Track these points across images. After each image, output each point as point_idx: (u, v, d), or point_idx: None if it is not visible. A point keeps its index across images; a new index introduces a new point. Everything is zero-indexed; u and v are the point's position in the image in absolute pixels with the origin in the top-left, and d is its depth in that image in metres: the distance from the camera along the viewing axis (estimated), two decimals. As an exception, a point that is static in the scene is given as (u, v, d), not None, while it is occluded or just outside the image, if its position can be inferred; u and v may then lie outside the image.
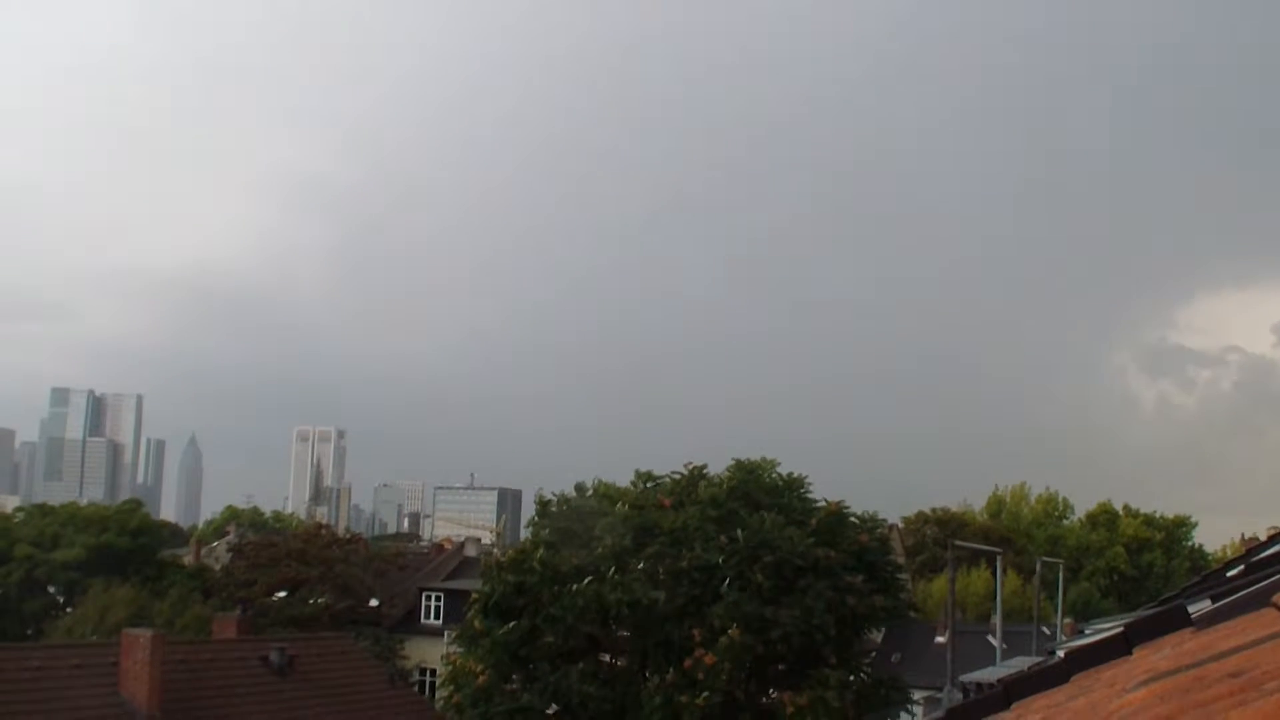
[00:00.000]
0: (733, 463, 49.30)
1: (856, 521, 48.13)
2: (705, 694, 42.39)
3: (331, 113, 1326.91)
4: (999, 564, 73.90)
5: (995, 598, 75.30)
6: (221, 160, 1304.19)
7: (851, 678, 45.10)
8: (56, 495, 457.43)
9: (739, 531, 44.63)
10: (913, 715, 51.64)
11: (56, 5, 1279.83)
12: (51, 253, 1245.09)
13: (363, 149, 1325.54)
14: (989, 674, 49.17)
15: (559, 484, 52.03)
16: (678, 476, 49.38)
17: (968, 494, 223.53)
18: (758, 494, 47.21)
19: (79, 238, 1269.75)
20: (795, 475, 48.80)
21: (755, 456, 49.49)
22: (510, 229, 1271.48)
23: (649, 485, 49.56)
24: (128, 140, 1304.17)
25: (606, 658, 47.66)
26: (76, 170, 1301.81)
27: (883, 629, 73.35)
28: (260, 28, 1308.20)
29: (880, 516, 50.79)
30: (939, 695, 63.04)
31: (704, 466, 49.47)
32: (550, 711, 45.77)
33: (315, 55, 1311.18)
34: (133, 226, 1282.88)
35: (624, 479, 50.94)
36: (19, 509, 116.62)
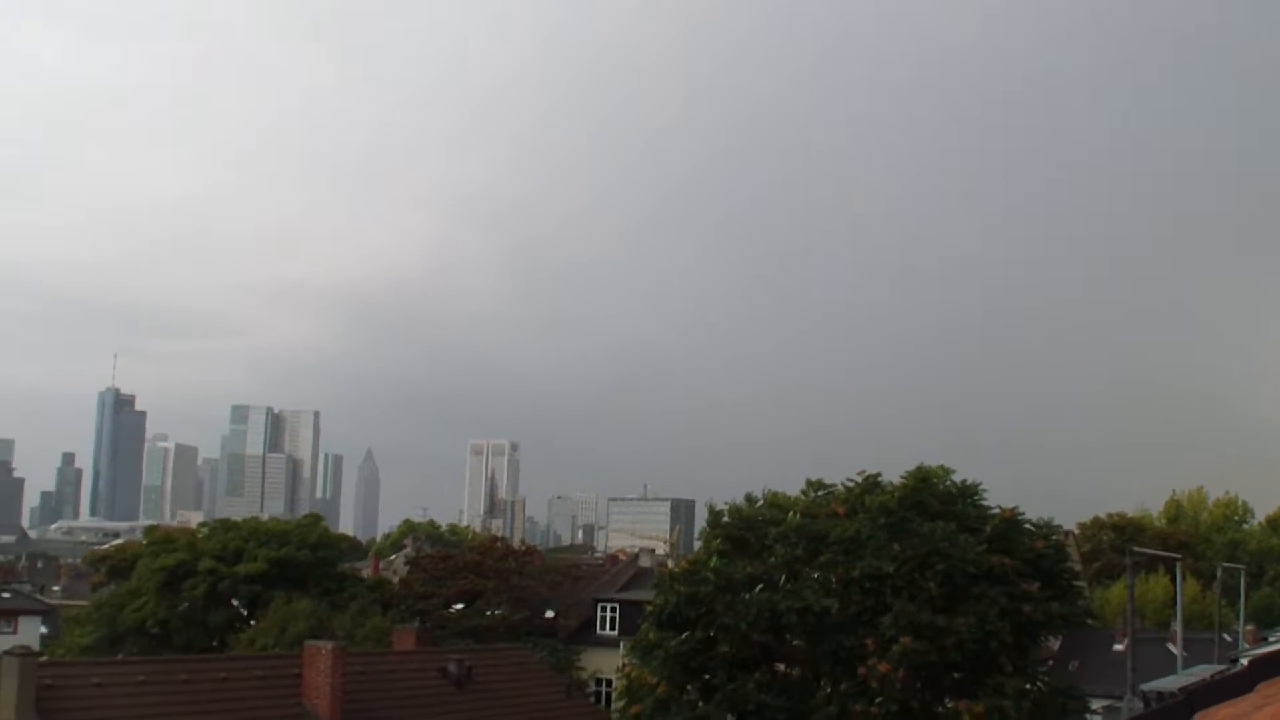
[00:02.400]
0: (909, 471, 49.01)
1: (1031, 528, 47.55)
2: (879, 703, 42.27)
3: (499, 126, 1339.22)
4: (1178, 570, 72.75)
5: (1175, 604, 74.20)
6: (392, 175, 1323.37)
7: (1028, 686, 44.54)
8: (238, 510, 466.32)
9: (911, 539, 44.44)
10: (1091, 724, 50.99)
11: (227, 29, 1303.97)
12: (228, 271, 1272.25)
13: (531, 161, 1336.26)
14: (1170, 683, 48.35)
15: (730, 494, 52.05)
16: (850, 485, 49.20)
17: (1144, 499, 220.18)
18: (931, 501, 46.87)
19: (254, 256, 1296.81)
20: (969, 482, 48.36)
21: (929, 464, 49.15)
22: (682, 238, 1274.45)
23: (820, 494, 49.43)
24: (300, 159, 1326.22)
25: (781, 667, 47.62)
26: (250, 189, 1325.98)
27: (1059, 637, 72.49)
28: (424, 46, 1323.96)
29: (1055, 523, 50.16)
30: (1118, 704, 62.22)
31: (877, 475, 49.24)
32: (726, 721, 45.89)
33: (484, 71, 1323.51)
34: (307, 243, 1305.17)
35: (794, 488, 50.93)
36: (203, 524, 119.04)
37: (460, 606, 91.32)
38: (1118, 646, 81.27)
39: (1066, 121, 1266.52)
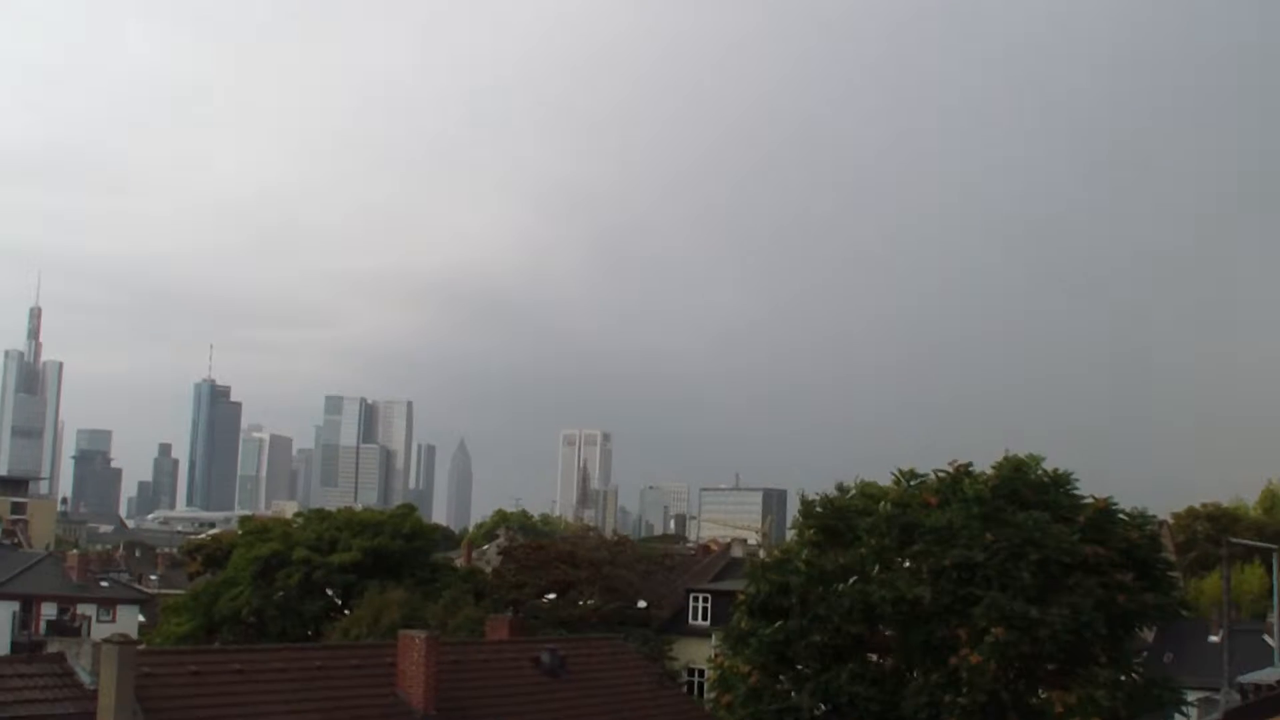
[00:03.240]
0: (1000, 459, 48.73)
1: (1125, 518, 47.19)
2: (970, 694, 42.10)
3: (586, 112, 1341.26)
4: (1275, 561, 71.91)
5: (1272, 596, 73.38)
6: (481, 163, 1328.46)
7: (1123, 677, 44.23)
8: (332, 500, 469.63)
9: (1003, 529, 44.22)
10: (1186, 716, 50.48)
11: (311, 20, 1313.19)
12: (321, 262, 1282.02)
13: (619, 147, 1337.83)
14: (1268, 675, 47.98)
15: (822, 483, 51.96)
16: (942, 474, 48.98)
17: (1240, 489, 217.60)
18: (1024, 491, 46.61)
19: (347, 246, 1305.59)
20: (1061, 471, 48.02)
21: (1021, 452, 48.83)
22: (769, 220, 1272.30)
23: (912, 483, 49.24)
24: (390, 148, 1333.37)
25: (873, 657, 47.51)
26: (344, 179, 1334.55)
27: (1154, 628, 71.86)
28: (508, 33, 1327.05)
29: (1149, 513, 49.71)
30: (1215, 696, 61.61)
31: (968, 464, 49.00)
32: (818, 711, 45.80)
33: (569, 56, 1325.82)
34: (399, 233, 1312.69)
35: (885, 477, 50.76)
36: (298, 514, 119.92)
37: (553, 596, 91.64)
38: (1213, 638, 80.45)
39: None
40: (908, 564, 45.50)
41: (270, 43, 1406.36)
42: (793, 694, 46.26)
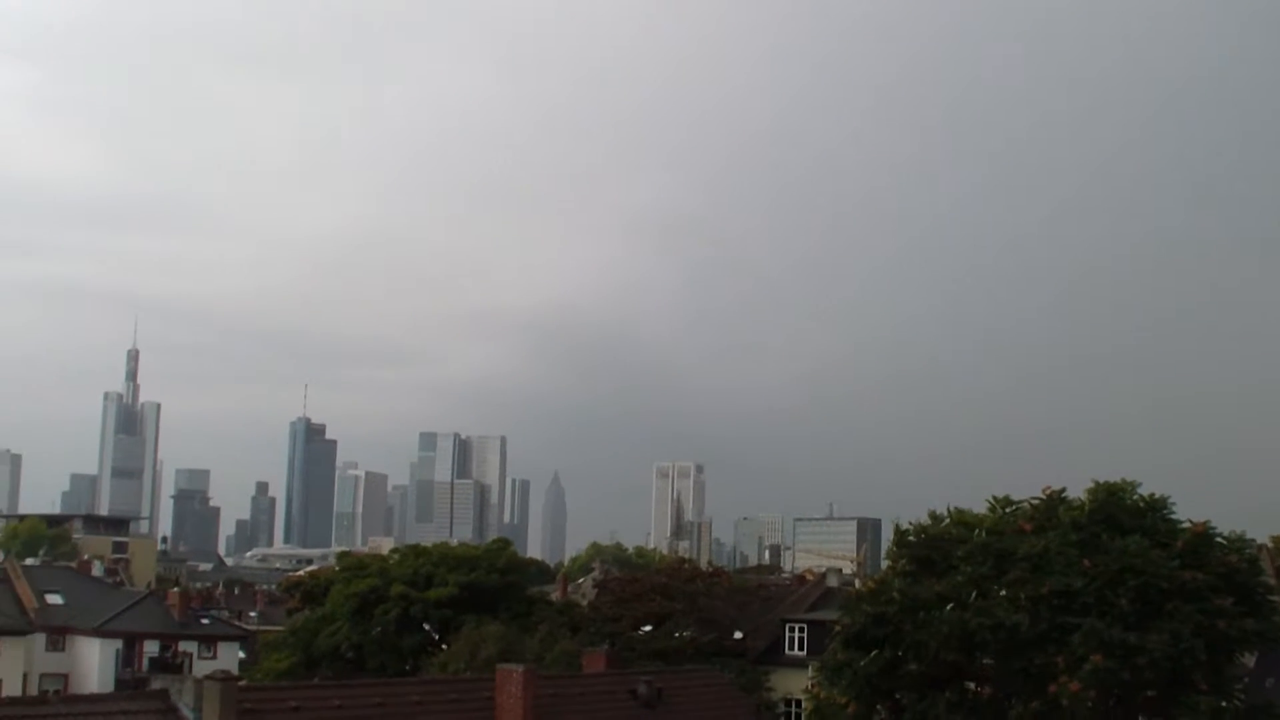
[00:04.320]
0: (1092, 485, 48.41)
1: (1223, 542, 46.74)
2: (1070, 721, 41.82)
3: (676, 149, 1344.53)
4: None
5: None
6: (570, 203, 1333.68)
7: (1224, 704, 43.75)
8: (427, 536, 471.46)
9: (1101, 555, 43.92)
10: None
11: (405, 62, 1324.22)
12: (413, 299, 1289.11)
13: (709, 181, 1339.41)
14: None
15: (916, 512, 51.76)
16: (1037, 501, 48.72)
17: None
18: (1120, 516, 46.28)
19: (439, 285, 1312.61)
20: (1157, 496, 47.65)
21: (1114, 478, 48.47)
22: (860, 254, 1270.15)
23: (1006, 510, 49.02)
24: (480, 188, 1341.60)
25: (971, 686, 47.28)
26: (433, 220, 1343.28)
27: (1255, 653, 70.96)
28: (596, 74, 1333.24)
29: (1248, 536, 49.20)
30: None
31: (1063, 490, 48.71)
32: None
33: (655, 98, 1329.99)
34: (489, 272, 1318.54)
35: (979, 505, 50.52)
36: (394, 550, 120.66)
37: (648, 628, 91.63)
38: (1318, 663, 79.23)
39: None
40: (1004, 592, 45.27)
41: (362, 84, 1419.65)
42: (891, 724, 46.17)
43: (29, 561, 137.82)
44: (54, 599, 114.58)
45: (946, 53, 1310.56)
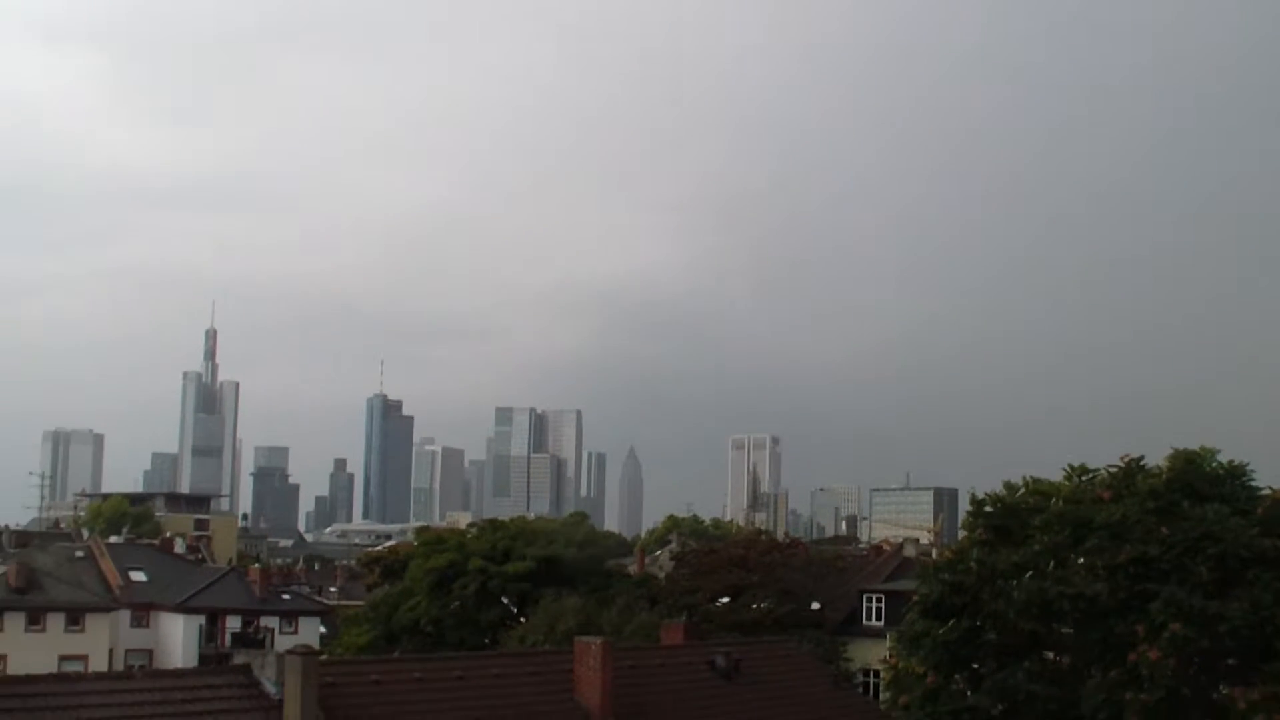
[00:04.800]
0: (1171, 452, 48.08)
1: (1306, 509, 46.33)
2: (1150, 690, 41.58)
3: (744, 121, 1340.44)
4: None
5: None
6: (642, 175, 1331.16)
7: (1306, 672, 43.43)
8: (504, 510, 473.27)
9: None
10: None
11: (475, 39, 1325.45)
12: (488, 275, 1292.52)
13: (779, 153, 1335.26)
14: None
15: (992, 481, 51.52)
16: (1114, 469, 48.43)
17: None
18: (1198, 484, 45.95)
19: (512, 259, 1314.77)
20: (1237, 463, 47.26)
21: (1193, 446, 48.09)
22: (939, 221, 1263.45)
23: (1083, 479, 48.77)
24: (553, 163, 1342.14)
25: (1050, 655, 47.13)
26: (507, 195, 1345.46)
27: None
28: (668, 46, 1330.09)
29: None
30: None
31: (1141, 458, 48.40)
32: (995, 711, 45.52)
33: (724, 66, 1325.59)
34: (563, 246, 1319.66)
35: (1056, 473, 50.28)
36: (471, 525, 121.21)
37: (726, 600, 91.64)
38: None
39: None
40: (1082, 560, 45.08)
41: (437, 63, 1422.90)
42: (969, 694, 46.05)
43: (113, 540, 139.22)
44: (138, 576, 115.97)
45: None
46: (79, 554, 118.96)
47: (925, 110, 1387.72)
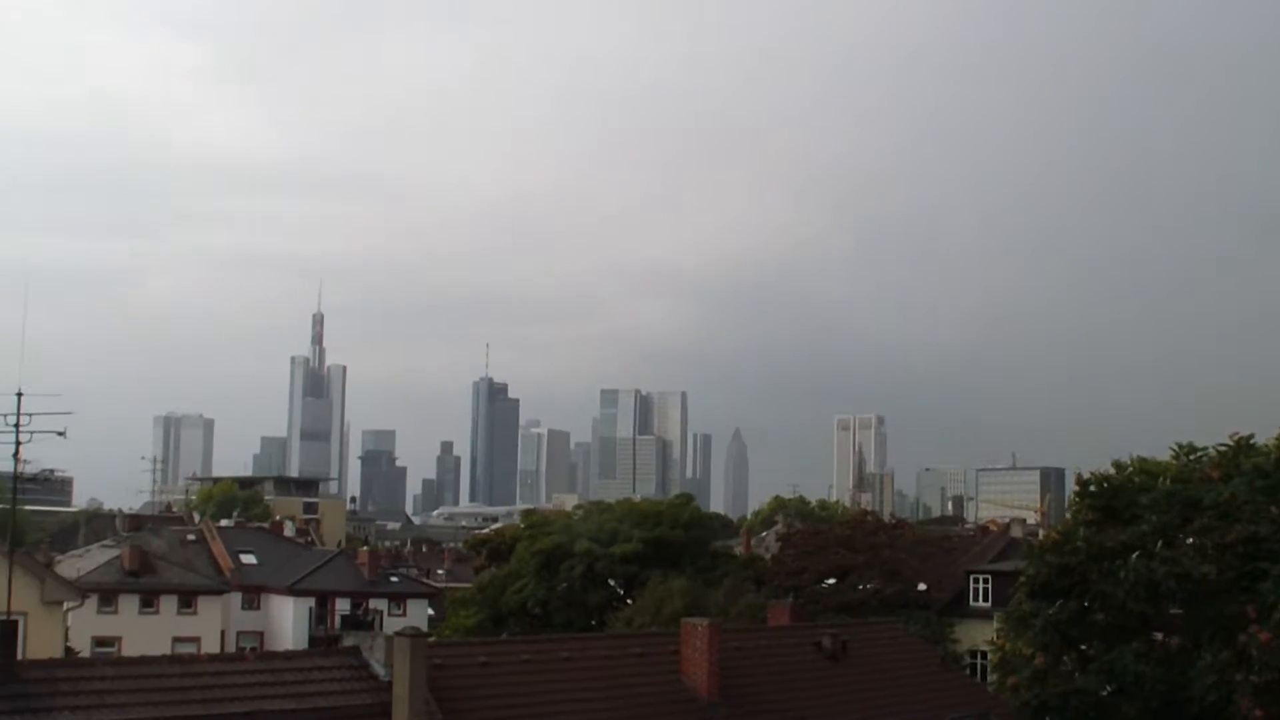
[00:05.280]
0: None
1: None
2: (1261, 672, 41.20)
3: (847, 101, 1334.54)
4: None
5: None
6: (739, 155, 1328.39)
7: None
8: (610, 492, 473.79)
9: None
10: None
11: (566, 19, 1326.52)
12: (592, 256, 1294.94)
13: (882, 134, 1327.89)
14: None
15: (1100, 460, 51.17)
16: (1222, 448, 48.00)
17: None
18: (1310, 462, 45.52)
19: (617, 240, 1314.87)
20: (1350, 441, 46.77)
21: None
22: (1039, 205, 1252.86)
23: (1191, 458, 48.36)
24: (658, 141, 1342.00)
25: (1159, 636, 46.81)
26: (612, 174, 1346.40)
27: None
28: (768, 24, 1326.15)
29: None
30: None
31: (1250, 436, 47.95)
32: (1104, 693, 45.30)
33: (827, 48, 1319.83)
34: (668, 226, 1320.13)
35: (1164, 452, 49.91)
36: (578, 506, 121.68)
37: (832, 581, 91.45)
38: None
39: None
40: (1190, 540, 44.73)
41: (527, 40, 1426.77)
42: (1077, 675, 45.84)
43: (223, 523, 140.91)
44: (248, 559, 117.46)
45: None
46: (191, 537, 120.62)
47: (1035, 86, 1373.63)
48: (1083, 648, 46.17)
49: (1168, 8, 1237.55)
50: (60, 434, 35.25)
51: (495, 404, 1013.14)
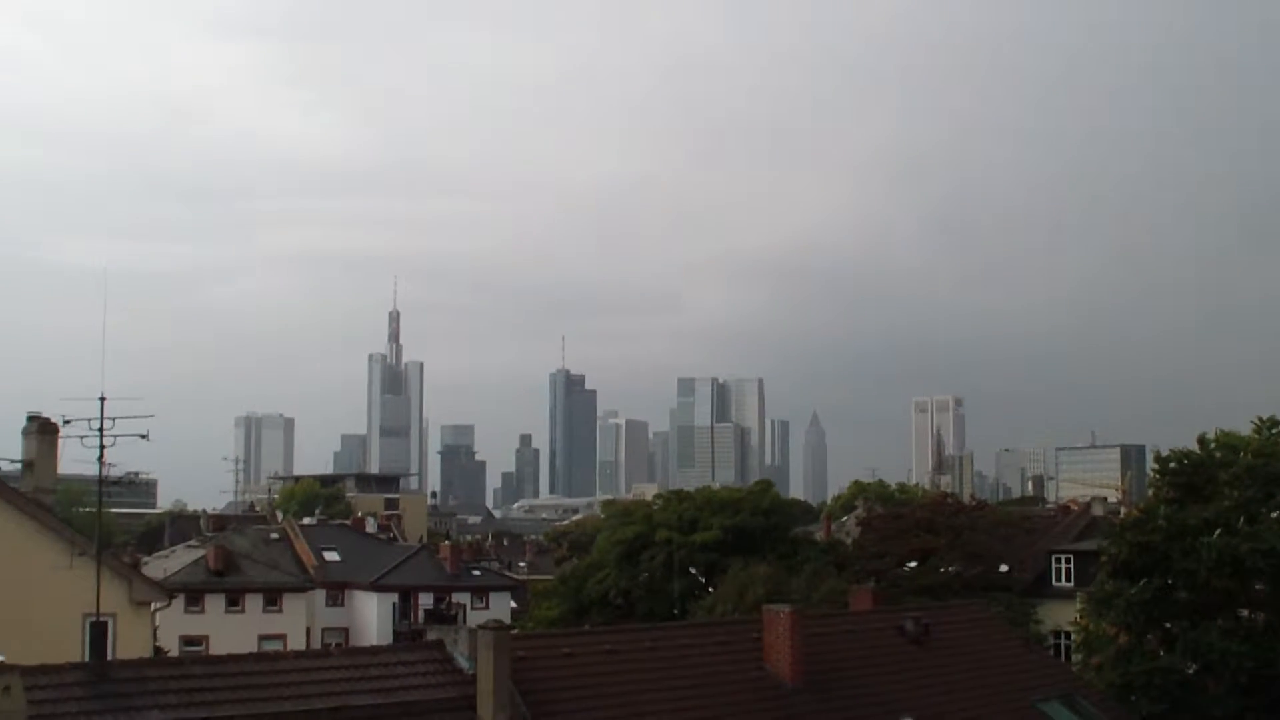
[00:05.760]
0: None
1: None
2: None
3: (910, 80, 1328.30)
4: None
5: None
6: (814, 139, 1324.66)
7: None
8: (689, 481, 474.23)
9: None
10: None
11: (638, 11, 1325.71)
12: (664, 245, 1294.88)
13: (949, 111, 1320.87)
14: None
15: (1181, 436, 51.04)
16: (1308, 421, 47.66)
17: None
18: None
19: (688, 228, 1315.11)
20: None
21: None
22: (1115, 173, 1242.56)
23: (1273, 432, 47.97)
24: (725, 132, 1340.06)
25: (1244, 613, 46.49)
26: (680, 164, 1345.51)
27: None
28: (831, 11, 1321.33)
29: None
30: None
31: (1335, 409, 47.57)
32: (1189, 671, 45.06)
33: (890, 27, 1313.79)
34: (738, 213, 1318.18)
35: (1246, 427, 49.52)
36: (657, 496, 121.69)
37: (913, 565, 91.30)
38: None
39: None
40: (1275, 515, 44.42)
41: (597, 32, 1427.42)
42: (1162, 653, 45.60)
43: (306, 521, 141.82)
44: (331, 556, 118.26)
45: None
46: (274, 536, 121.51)
47: (1094, 59, 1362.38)
48: (1167, 626, 45.92)
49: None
50: (143, 437, 35.60)
51: (573, 396, 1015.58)
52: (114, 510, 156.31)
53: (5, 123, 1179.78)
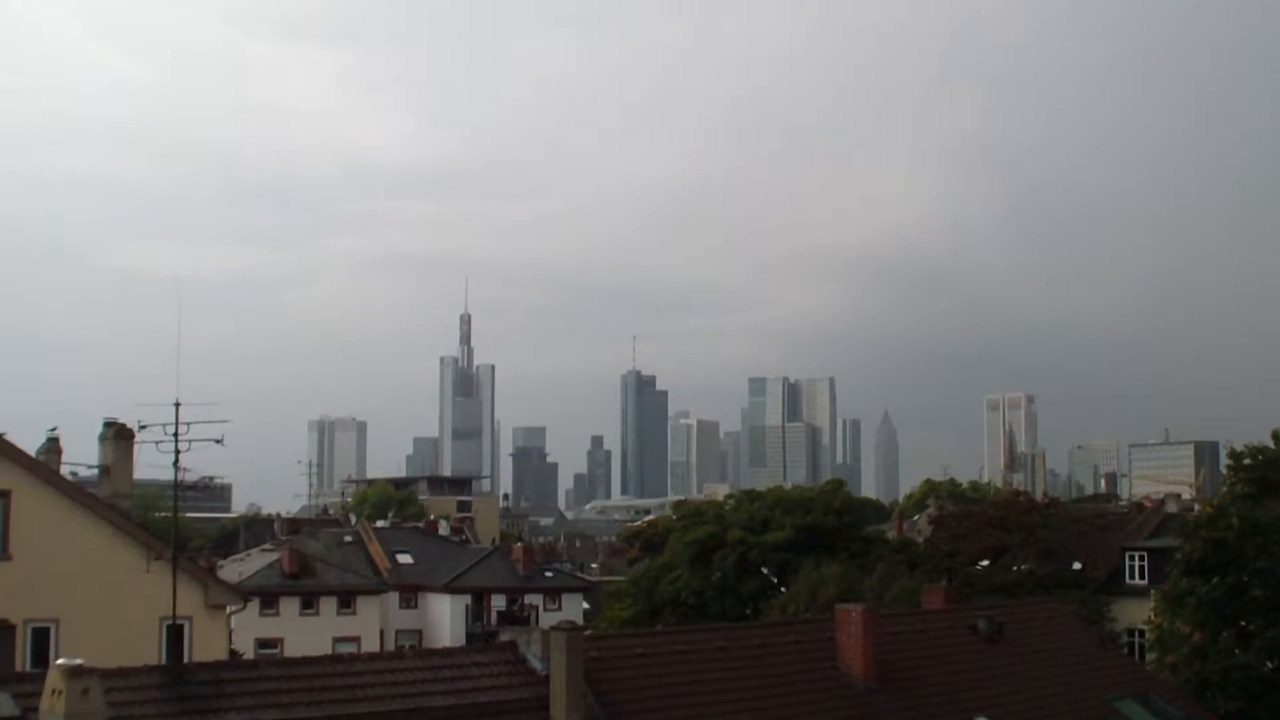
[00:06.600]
0: None
1: None
2: None
3: (993, 76, 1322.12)
4: None
5: None
6: (885, 135, 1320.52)
7: None
8: (761, 480, 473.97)
9: None
10: None
11: (726, 11, 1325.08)
12: (734, 244, 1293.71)
13: (1034, 109, 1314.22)
14: None
15: (1257, 432, 50.66)
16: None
17: None
18: None
19: (759, 227, 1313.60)
20: None
21: None
22: (1194, 173, 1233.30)
23: (1349, 427, 47.73)
24: (797, 127, 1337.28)
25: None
26: (751, 163, 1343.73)
27: None
28: (916, 8, 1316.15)
29: None
30: None
31: None
32: (1266, 669, 44.82)
33: (975, 23, 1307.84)
34: (807, 211, 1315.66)
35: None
36: (729, 496, 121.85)
37: (986, 563, 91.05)
38: None
39: None
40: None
41: (673, 35, 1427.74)
42: (1237, 652, 45.36)
43: (379, 524, 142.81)
44: (404, 558, 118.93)
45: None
46: (348, 539, 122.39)
47: (1180, 59, 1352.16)
48: (1242, 624, 45.66)
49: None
50: (218, 441, 35.91)
51: (644, 396, 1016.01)
52: (189, 514, 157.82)
53: (89, 132, 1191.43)
